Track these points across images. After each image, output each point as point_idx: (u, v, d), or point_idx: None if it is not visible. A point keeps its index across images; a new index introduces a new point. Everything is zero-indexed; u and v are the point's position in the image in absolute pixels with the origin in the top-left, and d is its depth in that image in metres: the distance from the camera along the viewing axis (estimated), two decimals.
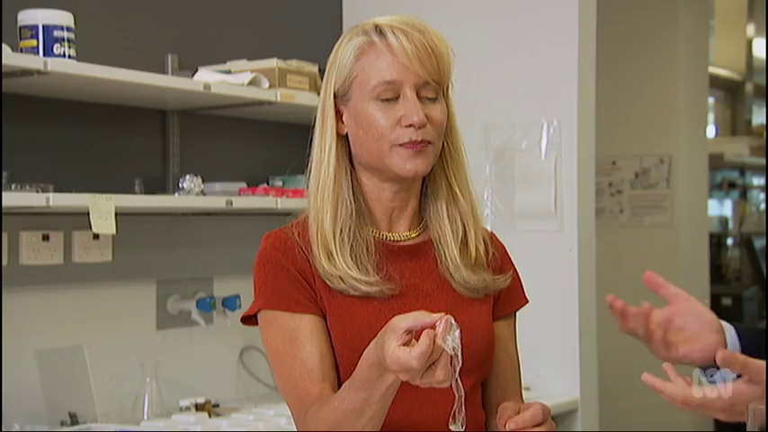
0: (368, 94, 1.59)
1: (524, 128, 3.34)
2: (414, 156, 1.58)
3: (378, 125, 1.59)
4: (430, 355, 1.33)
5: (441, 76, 1.61)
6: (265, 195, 2.93)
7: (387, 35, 1.58)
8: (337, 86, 1.63)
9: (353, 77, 1.61)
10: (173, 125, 3.01)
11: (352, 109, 1.62)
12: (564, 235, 3.29)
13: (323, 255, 1.60)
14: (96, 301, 2.84)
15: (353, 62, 1.61)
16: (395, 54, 1.57)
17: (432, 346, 1.33)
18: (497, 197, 3.38)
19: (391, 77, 1.58)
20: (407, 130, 1.57)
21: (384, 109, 1.59)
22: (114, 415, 2.74)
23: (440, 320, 1.35)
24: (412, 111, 1.57)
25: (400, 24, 1.59)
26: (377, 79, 1.58)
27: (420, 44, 1.57)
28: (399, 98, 1.59)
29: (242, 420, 2.77)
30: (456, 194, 1.67)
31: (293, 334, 1.60)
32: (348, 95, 1.62)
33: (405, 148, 1.58)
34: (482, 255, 1.68)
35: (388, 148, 1.59)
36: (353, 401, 1.46)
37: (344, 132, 1.65)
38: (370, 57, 1.59)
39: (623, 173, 5.09)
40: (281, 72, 2.89)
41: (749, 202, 6.47)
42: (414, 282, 1.64)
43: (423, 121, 1.57)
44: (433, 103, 1.61)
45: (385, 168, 1.61)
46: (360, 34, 1.62)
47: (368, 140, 1.61)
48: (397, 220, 1.68)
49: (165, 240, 3.02)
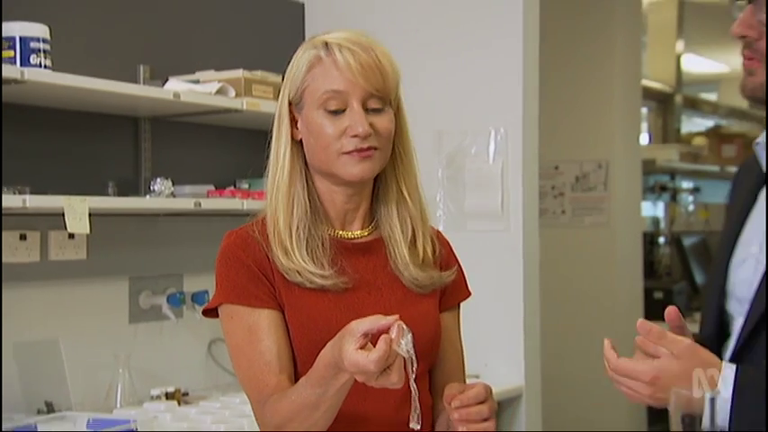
0: (316, 103, 1.59)
1: (474, 135, 3.34)
2: (360, 161, 1.58)
3: (326, 134, 1.58)
4: (386, 359, 1.33)
5: (385, 90, 1.60)
6: (232, 197, 2.91)
7: (334, 52, 1.58)
8: (292, 95, 1.63)
9: (305, 87, 1.61)
10: (144, 131, 2.98)
11: (304, 117, 1.62)
12: (510, 234, 3.29)
13: (280, 251, 1.59)
14: (71, 296, 2.80)
15: (305, 73, 1.61)
16: (340, 70, 1.57)
17: (389, 351, 1.33)
18: (449, 199, 3.38)
19: (338, 88, 1.57)
20: (353, 139, 1.57)
21: (332, 120, 1.58)
22: (88, 403, 2.70)
23: (393, 325, 1.35)
24: (357, 122, 1.56)
25: (347, 42, 1.58)
26: (324, 89, 1.58)
27: (364, 61, 1.57)
28: (347, 110, 1.58)
29: (209, 408, 2.75)
30: (405, 197, 1.67)
31: (252, 327, 1.58)
32: (301, 104, 1.62)
33: (351, 156, 1.58)
34: (429, 254, 1.68)
35: (336, 156, 1.58)
36: (309, 396, 1.46)
37: (299, 138, 1.64)
38: (319, 70, 1.59)
39: (565, 177, 5.11)
40: (246, 82, 2.88)
41: (679, 204, 6.52)
42: (366, 276, 1.63)
43: (367, 131, 1.57)
44: (379, 114, 1.60)
45: (333, 174, 1.61)
46: (311, 48, 1.61)
47: (317, 148, 1.60)
48: (351, 220, 1.67)
49: (137, 239, 2.99)
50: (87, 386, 2.75)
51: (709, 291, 1.55)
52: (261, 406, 1.55)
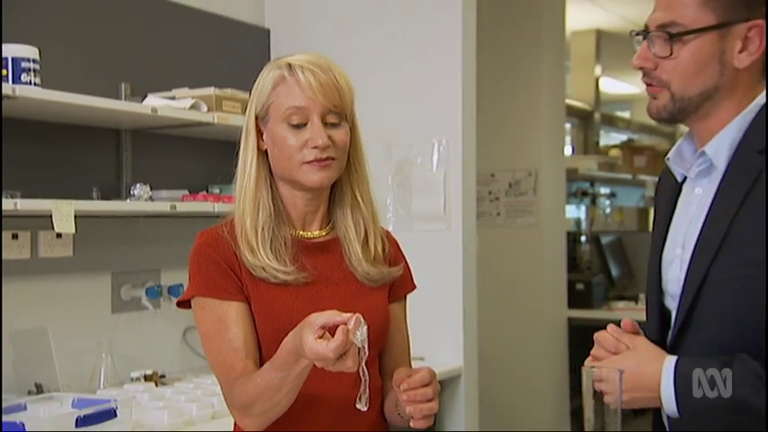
0: (280, 118, 1.59)
1: (419, 146, 3.34)
2: (319, 170, 1.58)
3: (289, 146, 1.58)
4: (343, 348, 1.34)
5: (341, 106, 1.61)
6: (204, 201, 2.89)
7: (297, 73, 1.58)
8: (258, 110, 1.62)
9: (270, 103, 1.60)
10: (125, 142, 2.94)
11: (269, 130, 1.61)
12: (451, 234, 3.31)
13: (247, 249, 1.58)
14: (59, 289, 2.77)
15: (270, 91, 1.60)
16: (302, 88, 1.57)
17: (346, 340, 1.34)
18: (398, 203, 3.39)
19: (300, 104, 1.58)
20: (313, 150, 1.57)
21: (294, 133, 1.58)
22: (74, 385, 2.67)
23: (350, 318, 1.36)
24: (317, 135, 1.57)
25: (308, 64, 1.59)
26: (287, 105, 1.58)
27: (323, 80, 1.58)
28: (308, 124, 1.58)
29: (184, 388, 2.74)
30: (359, 201, 1.67)
31: (222, 318, 1.57)
32: (267, 118, 1.61)
33: (311, 165, 1.58)
34: (380, 251, 1.68)
35: (298, 166, 1.59)
36: (273, 379, 1.46)
37: (264, 148, 1.63)
38: (283, 88, 1.59)
39: (500, 183, 5.14)
40: (217, 98, 2.86)
41: (597, 207, 6.59)
42: (324, 272, 1.63)
43: (326, 143, 1.57)
44: (336, 128, 1.60)
45: (296, 181, 1.61)
46: (276, 69, 1.61)
47: (281, 158, 1.60)
48: (310, 221, 1.67)
49: (119, 239, 2.95)
50: (73, 369, 2.72)
51: (650, 289, 1.56)
52: (229, 387, 1.55)
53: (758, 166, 1.36)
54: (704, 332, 1.39)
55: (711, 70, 1.41)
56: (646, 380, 1.36)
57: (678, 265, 1.46)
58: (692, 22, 1.40)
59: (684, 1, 1.41)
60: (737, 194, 1.37)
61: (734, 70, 1.41)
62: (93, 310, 2.88)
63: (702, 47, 1.40)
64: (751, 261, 1.34)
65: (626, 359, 1.39)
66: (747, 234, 1.35)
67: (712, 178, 1.45)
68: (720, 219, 1.39)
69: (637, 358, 1.39)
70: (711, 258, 1.38)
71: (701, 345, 1.39)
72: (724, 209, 1.39)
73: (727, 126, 1.43)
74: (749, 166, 1.38)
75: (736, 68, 1.41)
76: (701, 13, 1.39)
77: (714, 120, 1.44)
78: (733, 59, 1.41)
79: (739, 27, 1.40)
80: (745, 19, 1.39)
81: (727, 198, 1.39)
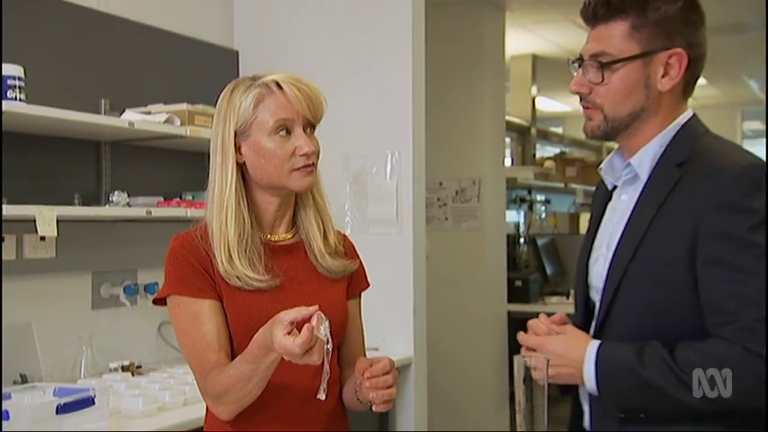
0: (267, 131, 1.56)
1: (374, 157, 3.34)
2: (306, 175, 1.58)
3: (277, 155, 1.56)
4: (309, 343, 1.33)
5: (318, 118, 1.61)
6: (178, 207, 2.86)
7: (283, 87, 1.56)
8: (238, 125, 1.58)
9: (253, 119, 1.56)
10: (105, 153, 2.90)
11: (252, 143, 1.57)
12: (403, 237, 3.30)
13: (225, 258, 1.55)
14: (43, 288, 2.72)
15: (253, 108, 1.56)
16: (289, 101, 1.56)
17: (311, 336, 1.33)
18: (355, 208, 3.38)
19: (286, 116, 1.56)
20: (302, 158, 1.56)
21: (281, 143, 1.56)
22: (56, 375, 2.63)
23: (315, 315, 1.35)
24: (305, 143, 1.56)
25: (290, 80, 1.57)
26: (274, 118, 1.56)
27: (305, 94, 1.57)
28: (292, 134, 1.57)
29: (158, 378, 2.70)
30: (318, 202, 1.67)
31: (196, 314, 1.55)
32: (248, 133, 1.57)
33: (300, 171, 1.57)
34: (339, 245, 1.68)
35: (287, 173, 1.57)
36: (245, 371, 1.45)
37: (242, 161, 1.59)
38: (268, 102, 1.56)
39: (447, 191, 5.16)
40: (190, 113, 2.84)
41: (534, 213, 6.64)
42: (290, 272, 1.61)
43: (313, 150, 1.57)
44: (312, 137, 1.60)
45: (282, 187, 1.59)
46: (257, 87, 1.58)
47: (268, 167, 1.57)
48: (278, 225, 1.65)
49: (99, 241, 2.90)
50: (56, 361, 2.68)
51: (577, 283, 1.58)
52: (204, 378, 1.53)
53: (675, 176, 1.40)
54: (622, 322, 1.42)
55: (638, 94, 1.44)
56: (571, 359, 1.39)
57: (602, 263, 1.48)
58: (620, 52, 1.43)
59: (612, 34, 1.44)
60: (656, 201, 1.40)
61: (658, 93, 1.44)
62: (75, 307, 2.83)
63: (629, 73, 1.43)
64: (663, 261, 1.36)
65: (555, 340, 1.42)
66: (662, 237, 1.37)
67: (636, 186, 1.48)
68: (640, 222, 1.41)
69: (565, 340, 1.42)
70: (630, 257, 1.40)
71: (619, 333, 1.42)
72: (644, 214, 1.41)
73: (650, 141, 1.46)
74: (667, 176, 1.41)
75: (659, 91, 1.44)
76: (627, 44, 1.43)
77: (641, 136, 1.47)
78: (657, 83, 1.44)
79: (661, 55, 1.43)
80: (665, 48, 1.42)
81: (647, 204, 1.42)
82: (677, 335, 1.35)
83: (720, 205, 1.32)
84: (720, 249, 1.31)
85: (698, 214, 1.33)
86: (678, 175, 1.39)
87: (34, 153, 2.68)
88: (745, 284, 1.29)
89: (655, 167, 1.44)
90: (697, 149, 1.42)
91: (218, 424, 1.57)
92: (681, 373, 1.30)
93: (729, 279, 1.30)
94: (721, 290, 1.30)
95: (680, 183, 1.38)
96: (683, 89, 1.47)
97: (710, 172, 1.35)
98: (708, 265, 1.32)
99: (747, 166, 1.35)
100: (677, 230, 1.35)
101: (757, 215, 1.30)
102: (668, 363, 1.31)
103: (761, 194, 1.31)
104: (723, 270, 1.30)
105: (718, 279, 1.31)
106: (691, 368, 1.30)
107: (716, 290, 1.31)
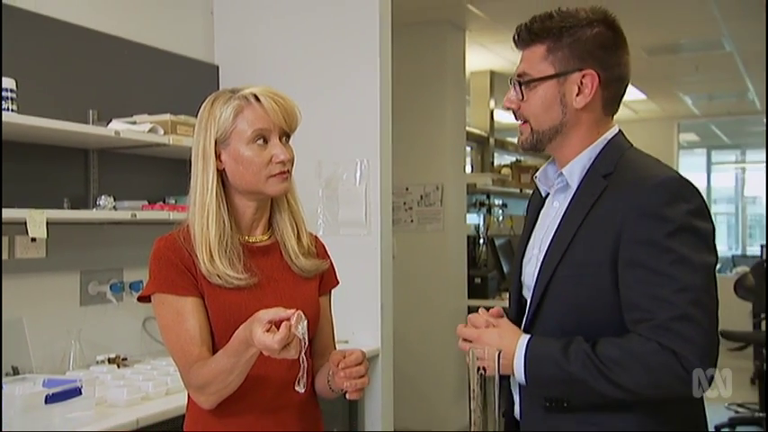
0: (245, 140, 1.56)
1: (345, 164, 3.34)
2: (282, 181, 1.58)
3: (255, 163, 1.56)
4: (287, 340, 1.34)
5: (292, 128, 1.61)
6: (161, 210, 2.83)
7: (261, 99, 1.56)
8: (219, 135, 1.57)
9: (233, 129, 1.56)
10: (92, 160, 2.86)
11: (231, 151, 1.57)
12: (371, 238, 3.31)
13: (206, 258, 1.54)
14: (34, 285, 2.68)
15: (233, 119, 1.56)
16: (266, 112, 1.56)
17: (288, 333, 1.34)
18: (327, 212, 3.38)
19: (263, 126, 1.56)
20: (278, 164, 1.56)
21: (258, 151, 1.56)
22: (46, 368, 2.59)
23: (293, 314, 1.35)
24: (281, 151, 1.56)
25: (267, 93, 1.57)
26: (252, 128, 1.56)
27: (281, 106, 1.57)
28: (269, 143, 1.57)
29: (142, 369, 2.67)
30: (293, 207, 1.67)
31: (179, 311, 1.54)
32: (228, 142, 1.57)
33: (276, 178, 1.57)
34: (312, 247, 1.68)
35: (264, 179, 1.57)
36: (225, 364, 1.45)
37: (222, 168, 1.59)
38: (247, 113, 1.56)
39: (413, 195, 5.18)
40: (172, 123, 2.81)
41: (492, 216, 6.67)
42: (267, 272, 1.61)
43: (289, 157, 1.57)
44: (287, 146, 1.60)
45: (259, 192, 1.59)
46: (236, 99, 1.58)
47: (246, 174, 1.57)
48: (255, 227, 1.64)
49: (87, 242, 2.87)
50: (46, 354, 2.64)
51: (512, 282, 1.61)
52: (187, 371, 1.52)
53: (601, 186, 1.43)
54: (550, 318, 1.43)
55: (555, 110, 1.47)
56: (504, 351, 1.39)
57: (534, 263, 1.50)
58: (537, 73, 1.48)
59: (533, 56, 1.49)
60: (584, 208, 1.43)
61: (574, 110, 1.47)
62: (64, 303, 2.79)
63: (546, 92, 1.47)
64: (588, 263, 1.39)
65: (490, 333, 1.44)
66: (588, 241, 1.40)
67: (567, 195, 1.50)
68: (569, 227, 1.43)
69: (499, 333, 1.43)
70: (559, 259, 1.42)
71: (547, 328, 1.43)
72: (572, 219, 1.44)
73: (580, 154, 1.49)
74: (595, 186, 1.44)
75: (575, 108, 1.47)
76: (543, 65, 1.47)
77: (568, 149, 1.50)
78: (572, 101, 1.47)
79: (574, 75, 1.46)
80: (578, 69, 1.46)
81: (575, 211, 1.45)
82: (599, 330, 1.37)
83: (641, 213, 1.34)
84: (640, 253, 1.33)
85: (621, 221, 1.36)
86: (604, 186, 1.42)
87: (26, 160, 2.65)
88: (661, 286, 1.31)
89: (584, 178, 1.47)
90: (622, 163, 1.45)
91: (200, 413, 1.56)
92: (602, 366, 1.32)
93: (647, 281, 1.32)
94: (639, 290, 1.33)
95: (606, 192, 1.41)
96: (604, 106, 1.50)
97: (633, 183, 1.38)
98: (628, 267, 1.34)
99: (666, 178, 1.38)
100: (602, 235, 1.38)
101: (674, 223, 1.33)
102: (590, 357, 1.33)
103: (677, 204, 1.34)
104: (642, 272, 1.33)
105: (637, 280, 1.33)
106: (610, 362, 1.32)
107: (635, 290, 1.33)
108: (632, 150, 1.50)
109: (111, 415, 2.19)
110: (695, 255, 1.32)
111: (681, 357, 1.28)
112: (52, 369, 2.60)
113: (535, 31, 1.48)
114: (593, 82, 1.46)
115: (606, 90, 1.48)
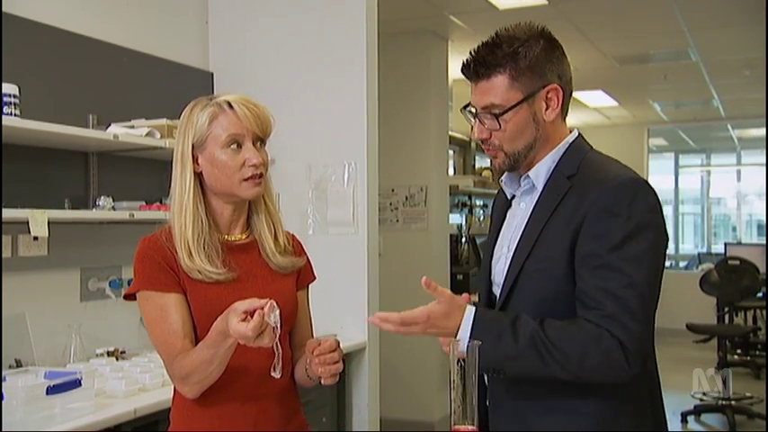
0: (220, 144, 1.55)
1: (333, 167, 3.34)
2: (255, 185, 1.57)
3: (229, 167, 1.55)
4: (260, 328, 1.33)
5: (266, 133, 1.60)
6: (158, 210, 2.82)
7: (234, 106, 1.56)
8: (195, 139, 1.57)
9: (208, 134, 1.56)
10: (92, 162, 2.85)
11: (207, 155, 1.56)
12: (358, 236, 3.31)
13: (185, 255, 1.54)
14: (36, 282, 2.66)
15: (208, 124, 1.56)
16: (239, 119, 1.55)
17: (261, 321, 1.33)
18: (316, 212, 3.37)
19: (237, 132, 1.55)
20: (251, 168, 1.55)
21: (232, 156, 1.55)
22: (48, 361, 2.58)
23: (267, 303, 1.35)
24: (253, 156, 1.55)
25: (241, 101, 1.57)
26: (226, 133, 1.55)
27: (254, 113, 1.56)
28: (242, 147, 1.56)
29: (139, 362, 2.66)
30: (270, 208, 1.66)
31: (163, 307, 1.53)
32: (204, 146, 1.56)
33: (248, 182, 1.56)
34: (288, 245, 1.67)
35: (238, 183, 1.56)
36: (206, 355, 1.44)
37: (199, 171, 1.58)
38: (221, 119, 1.56)
39: (398, 196, 5.18)
40: (168, 128, 2.80)
41: (474, 216, 6.70)
42: (246, 268, 1.60)
43: (261, 161, 1.56)
44: (262, 150, 1.59)
45: (233, 195, 1.58)
46: (211, 106, 1.57)
47: (221, 177, 1.56)
48: (234, 227, 1.63)
49: (87, 241, 2.85)
50: (47, 348, 2.63)
51: (481, 280, 1.60)
52: (171, 362, 1.52)
53: (566, 187, 1.44)
54: (517, 310, 1.42)
55: (530, 130, 1.48)
56: (450, 322, 1.38)
57: (504, 261, 1.50)
58: (507, 101, 1.45)
59: (496, 87, 1.45)
60: (549, 208, 1.44)
61: (545, 123, 1.49)
62: (65, 299, 2.78)
63: (520, 116, 1.46)
64: (552, 256, 1.40)
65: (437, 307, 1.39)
66: (552, 236, 1.41)
67: (533, 196, 1.51)
68: (536, 225, 1.45)
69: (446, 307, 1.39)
70: (527, 254, 1.43)
71: None
72: (539, 218, 1.45)
73: (545, 157, 1.50)
74: (560, 187, 1.45)
75: (547, 122, 1.48)
76: (511, 93, 1.45)
77: (536, 157, 1.51)
78: (543, 117, 1.48)
79: (540, 93, 1.46)
80: (542, 86, 1.46)
81: (542, 210, 1.46)
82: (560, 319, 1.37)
83: (601, 211, 1.36)
84: (596, 247, 1.35)
85: (581, 217, 1.37)
86: (568, 186, 1.43)
87: (28, 162, 2.63)
88: (611, 280, 1.33)
89: (549, 179, 1.48)
90: (584, 164, 1.46)
91: (185, 403, 1.56)
92: (548, 344, 1.32)
93: (599, 274, 1.34)
94: (592, 282, 1.34)
95: (570, 192, 1.43)
96: (562, 112, 1.51)
97: (595, 183, 1.40)
98: (584, 260, 1.36)
99: (626, 179, 1.39)
100: (565, 231, 1.39)
101: (631, 222, 1.34)
102: (539, 335, 1.33)
103: (636, 204, 1.35)
104: (595, 265, 1.34)
105: (590, 273, 1.34)
106: (557, 342, 1.32)
107: (587, 282, 1.35)
108: (593, 152, 1.52)
109: (109, 405, 2.19)
110: (647, 253, 1.34)
111: (624, 347, 1.31)
112: (54, 362, 2.59)
113: (492, 63, 1.45)
114: (557, 94, 1.47)
115: (565, 96, 1.49)
